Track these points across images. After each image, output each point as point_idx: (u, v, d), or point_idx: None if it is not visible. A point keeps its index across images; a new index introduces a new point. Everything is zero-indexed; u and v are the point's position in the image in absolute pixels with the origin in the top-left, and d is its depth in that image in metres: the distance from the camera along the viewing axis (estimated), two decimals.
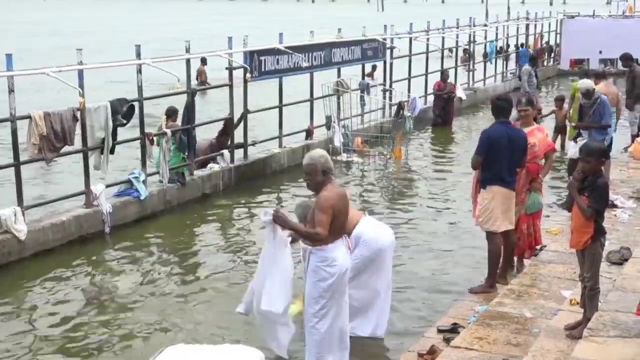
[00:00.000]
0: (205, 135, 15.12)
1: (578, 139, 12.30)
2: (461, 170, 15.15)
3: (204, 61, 24.59)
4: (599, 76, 14.72)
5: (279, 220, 6.84)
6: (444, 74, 21.26)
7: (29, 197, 11.24)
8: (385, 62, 20.27)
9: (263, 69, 15.06)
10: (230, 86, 14.87)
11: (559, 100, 16.60)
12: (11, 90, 10.61)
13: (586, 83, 12.44)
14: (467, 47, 27.08)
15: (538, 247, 9.66)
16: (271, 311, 7.01)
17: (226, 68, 14.83)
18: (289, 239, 7.09)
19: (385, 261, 7.97)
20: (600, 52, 31.51)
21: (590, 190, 6.55)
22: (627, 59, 16.32)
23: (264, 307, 7.02)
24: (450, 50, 25.68)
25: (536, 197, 9.10)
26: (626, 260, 8.45)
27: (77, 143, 11.71)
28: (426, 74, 22.34)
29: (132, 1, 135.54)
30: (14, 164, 10.97)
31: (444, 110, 20.67)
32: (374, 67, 23.53)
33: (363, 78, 19.17)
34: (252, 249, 11.20)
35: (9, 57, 10.58)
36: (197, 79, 24.06)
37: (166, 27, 62.24)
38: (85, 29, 59.45)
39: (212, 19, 76.28)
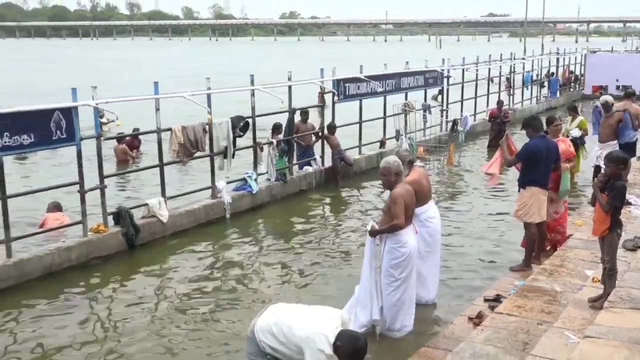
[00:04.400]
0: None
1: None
2: (505, 175, 14.88)
3: (322, 89, 24.11)
4: (628, 96, 14.13)
5: (373, 233, 6.86)
6: (499, 102, 19.66)
7: (170, 190, 11.48)
8: (442, 88, 20.06)
9: (347, 93, 15.09)
10: (322, 106, 14.95)
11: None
12: (157, 109, 10.87)
13: (606, 97, 11.95)
14: (508, 76, 26.58)
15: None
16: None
17: (319, 92, 14.89)
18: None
19: (437, 243, 7.89)
20: (617, 80, 30.96)
21: (610, 190, 6.40)
22: None
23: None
24: (491, 79, 24.73)
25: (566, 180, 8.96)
26: (639, 247, 8.16)
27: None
28: (475, 98, 21.99)
29: (206, 43, 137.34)
30: (159, 165, 11.25)
31: (499, 134, 19.08)
32: (440, 92, 23.16)
33: (425, 100, 18.98)
34: (337, 231, 11.27)
35: (156, 84, 10.80)
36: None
37: (268, 62, 62.76)
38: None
39: (307, 56, 76.66)
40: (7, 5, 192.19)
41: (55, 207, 10.70)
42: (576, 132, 13.18)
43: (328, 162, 14.79)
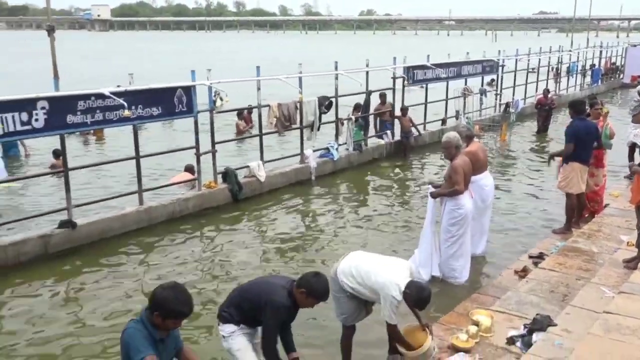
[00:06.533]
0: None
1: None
2: (548, 150, 14.25)
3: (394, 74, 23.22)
4: None
5: (433, 195, 6.71)
6: (546, 90, 18.30)
7: (267, 155, 11.56)
8: (497, 75, 19.29)
9: (415, 78, 14.71)
10: (393, 90, 14.67)
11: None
12: (258, 88, 10.94)
13: None
14: (556, 66, 25.32)
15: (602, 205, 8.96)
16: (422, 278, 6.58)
17: (391, 77, 14.62)
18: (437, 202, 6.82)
19: (488, 207, 7.63)
20: None
21: None
22: None
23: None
24: (533, 69, 23.27)
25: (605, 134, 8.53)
26: None
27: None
28: (526, 84, 21.09)
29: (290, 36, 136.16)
30: (259, 135, 11.36)
31: (546, 120, 17.43)
32: (492, 80, 22.28)
33: (482, 85, 18.33)
34: (403, 192, 11.12)
35: (258, 68, 10.85)
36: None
37: (349, 52, 61.98)
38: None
39: (381, 46, 75.26)
40: (140, 3, 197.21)
41: (187, 169, 10.88)
42: None
43: (397, 137, 14.57)
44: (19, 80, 27.38)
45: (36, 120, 7.57)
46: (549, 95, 17.91)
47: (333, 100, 12.48)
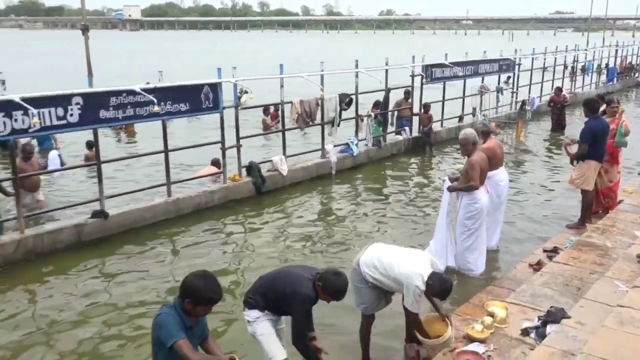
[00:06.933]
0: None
1: None
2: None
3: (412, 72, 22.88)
4: None
5: (450, 189, 6.66)
6: (558, 89, 17.87)
7: (290, 150, 11.57)
8: (514, 74, 19.04)
9: (433, 77, 14.60)
10: (412, 87, 14.56)
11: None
12: (281, 86, 10.94)
13: None
14: (572, 64, 24.87)
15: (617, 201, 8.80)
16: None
17: (410, 75, 14.51)
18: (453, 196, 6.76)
19: (503, 202, 7.55)
20: None
21: None
22: None
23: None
24: (545, 69, 22.81)
25: (620, 133, 8.34)
26: None
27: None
28: (542, 82, 20.75)
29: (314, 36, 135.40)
30: (281, 130, 11.37)
31: (560, 117, 17.17)
32: (508, 78, 22.01)
33: (499, 83, 18.10)
34: (420, 187, 11.04)
35: (281, 66, 10.88)
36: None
37: (369, 50, 61.60)
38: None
39: (400, 45, 74.70)
40: (169, 4, 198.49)
41: (213, 162, 10.90)
42: None
43: (415, 133, 14.49)
44: (55, 77, 27.77)
45: (71, 115, 7.68)
46: (562, 93, 17.63)
47: (353, 97, 12.44)
